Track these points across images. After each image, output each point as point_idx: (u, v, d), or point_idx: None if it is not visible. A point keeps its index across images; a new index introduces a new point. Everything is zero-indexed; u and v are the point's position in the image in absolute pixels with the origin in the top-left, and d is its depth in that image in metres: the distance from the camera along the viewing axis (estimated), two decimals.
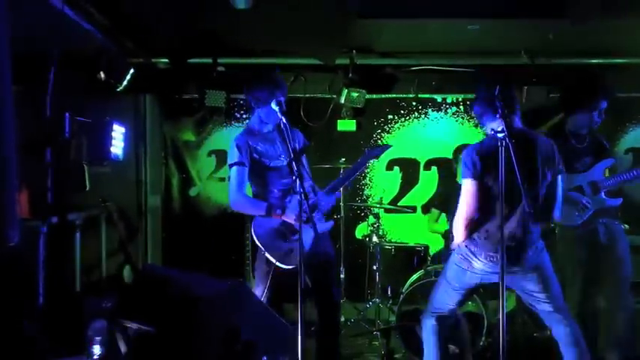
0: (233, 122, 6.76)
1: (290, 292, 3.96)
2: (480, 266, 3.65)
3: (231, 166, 4.04)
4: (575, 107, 4.49)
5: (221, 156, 6.76)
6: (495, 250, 3.54)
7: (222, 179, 6.68)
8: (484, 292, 5.06)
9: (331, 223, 4.18)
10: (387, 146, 4.67)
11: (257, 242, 3.92)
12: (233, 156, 4.04)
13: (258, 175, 4.09)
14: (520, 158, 3.33)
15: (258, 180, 4.10)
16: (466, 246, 3.67)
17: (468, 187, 3.58)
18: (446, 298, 3.83)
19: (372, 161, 4.45)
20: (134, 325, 3.18)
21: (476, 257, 3.64)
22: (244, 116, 6.72)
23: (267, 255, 3.91)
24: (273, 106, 3.82)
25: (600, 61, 6.10)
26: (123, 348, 3.22)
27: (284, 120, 3.71)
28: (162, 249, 6.68)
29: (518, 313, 5.32)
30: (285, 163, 4.05)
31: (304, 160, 4.28)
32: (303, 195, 3.47)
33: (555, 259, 3.83)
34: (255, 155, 4.05)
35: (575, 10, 4.70)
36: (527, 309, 5.15)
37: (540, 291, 3.68)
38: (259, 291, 3.97)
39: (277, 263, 3.89)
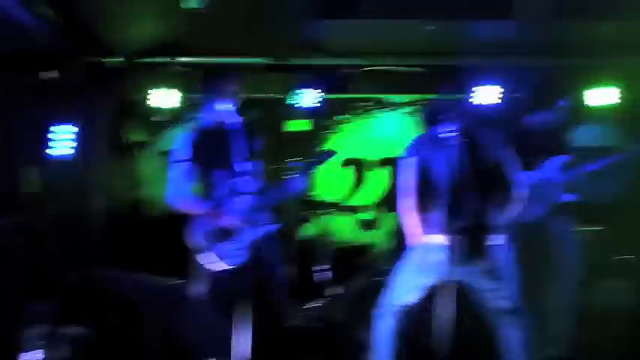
0: (185, 122, 6.64)
1: (232, 294, 3.94)
2: (437, 259, 3.62)
3: (175, 161, 3.98)
4: (535, 105, 4.57)
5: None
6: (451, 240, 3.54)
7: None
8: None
9: (277, 225, 4.14)
10: (331, 152, 4.67)
11: (198, 241, 3.87)
12: (179, 152, 3.98)
13: (205, 173, 4.03)
14: (466, 148, 3.35)
15: (205, 178, 4.04)
16: (423, 239, 3.67)
17: (407, 169, 3.59)
18: (403, 295, 3.83)
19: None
20: (74, 329, 3.12)
21: (433, 249, 3.64)
22: (195, 117, 6.60)
23: (208, 255, 3.86)
24: (228, 104, 3.80)
25: (555, 61, 6.19)
26: (63, 352, 3.15)
27: (236, 119, 3.67)
28: (106, 251, 6.52)
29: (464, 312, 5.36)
30: (233, 162, 4.01)
31: (255, 160, 4.23)
32: (248, 196, 3.43)
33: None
34: (203, 152, 3.99)
35: (526, 10, 4.79)
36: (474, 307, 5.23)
37: (498, 288, 3.68)
38: (200, 291, 3.92)
39: (217, 264, 3.84)
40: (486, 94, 6.13)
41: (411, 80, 6.46)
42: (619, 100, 6.42)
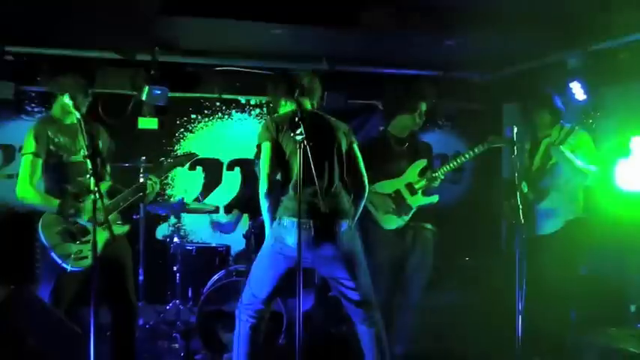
0: (22, 116, 6.30)
1: (80, 296, 3.85)
2: (292, 242, 3.60)
3: (24, 155, 3.83)
4: (396, 110, 4.72)
5: (9, 151, 6.32)
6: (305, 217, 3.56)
7: (11, 176, 6.21)
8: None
9: (127, 227, 4.09)
10: (192, 155, 4.65)
11: (43, 241, 3.73)
12: (28, 145, 3.83)
13: (53, 169, 3.89)
14: (313, 134, 3.45)
15: (53, 175, 3.90)
16: (278, 222, 3.68)
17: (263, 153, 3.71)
18: (258, 288, 3.80)
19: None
20: None
21: (287, 233, 3.64)
22: (35, 109, 6.29)
23: (54, 255, 3.73)
24: (80, 97, 3.79)
25: (393, 71, 6.50)
26: None
27: (79, 115, 3.56)
28: None
29: (317, 310, 5.51)
30: (85, 158, 3.87)
31: (104, 158, 4.14)
32: (97, 195, 3.36)
33: (368, 257, 3.94)
34: (52, 147, 3.86)
35: (371, 20, 4.97)
36: (327, 304, 5.37)
37: (350, 279, 3.70)
38: (45, 293, 3.77)
39: (64, 265, 3.73)
40: (332, 101, 6.32)
41: (260, 82, 6.54)
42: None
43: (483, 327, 5.09)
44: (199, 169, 6.79)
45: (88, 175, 3.39)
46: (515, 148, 4.13)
